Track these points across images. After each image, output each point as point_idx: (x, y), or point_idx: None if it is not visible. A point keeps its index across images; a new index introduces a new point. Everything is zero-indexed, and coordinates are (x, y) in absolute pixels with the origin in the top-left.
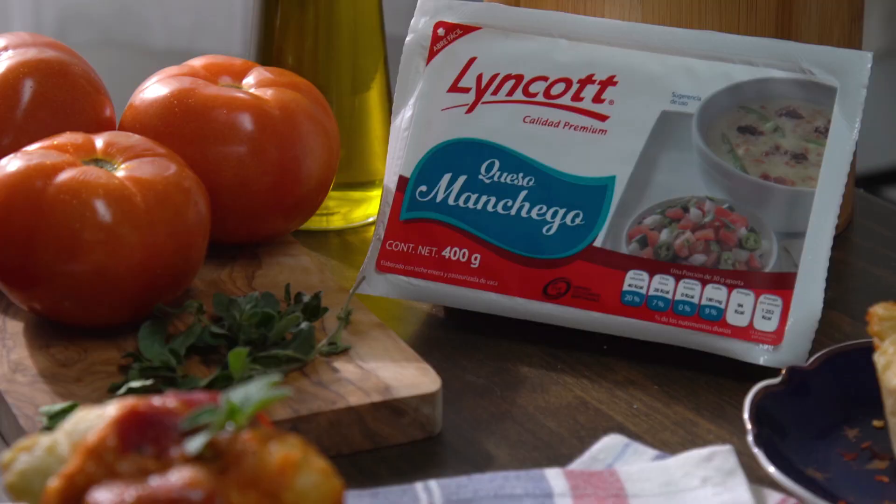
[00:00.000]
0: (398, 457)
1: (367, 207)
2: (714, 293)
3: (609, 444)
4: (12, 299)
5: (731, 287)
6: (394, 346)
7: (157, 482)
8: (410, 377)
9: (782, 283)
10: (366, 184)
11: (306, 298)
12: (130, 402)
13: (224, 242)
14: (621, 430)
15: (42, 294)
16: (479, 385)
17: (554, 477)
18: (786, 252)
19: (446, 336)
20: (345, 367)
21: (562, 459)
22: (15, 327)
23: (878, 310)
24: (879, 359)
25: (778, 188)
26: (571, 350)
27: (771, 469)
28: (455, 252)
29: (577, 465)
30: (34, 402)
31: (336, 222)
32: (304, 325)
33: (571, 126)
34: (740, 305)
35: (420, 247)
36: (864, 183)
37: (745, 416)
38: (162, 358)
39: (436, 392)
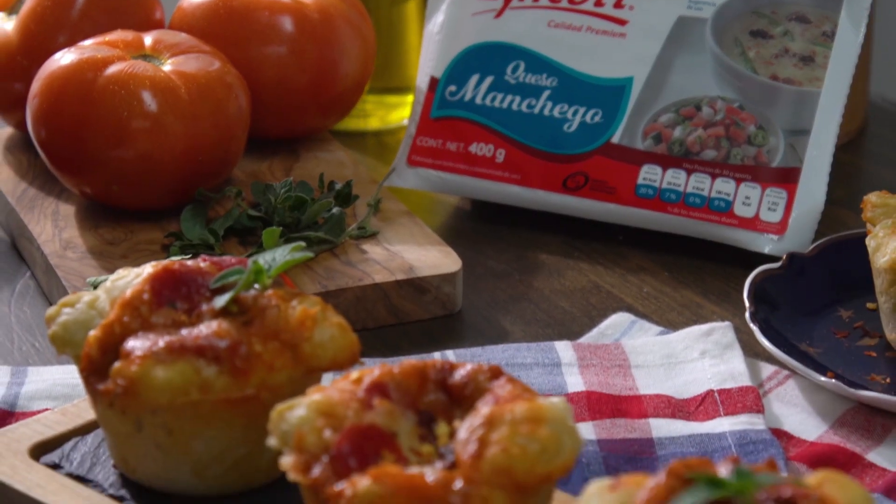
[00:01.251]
0: (420, 331)
1: (403, 111)
2: (723, 186)
3: (617, 321)
4: (65, 184)
5: (739, 180)
6: (419, 232)
7: (187, 332)
8: (433, 259)
9: (788, 178)
10: (401, 89)
11: (339, 186)
12: (165, 262)
13: (265, 138)
14: (630, 310)
15: (92, 178)
16: (500, 270)
17: (563, 349)
18: (792, 148)
19: (472, 226)
20: (372, 249)
21: (572, 336)
22: (67, 210)
23: (872, 197)
24: (871, 242)
25: (786, 88)
26: (588, 239)
27: (765, 342)
28: (481, 147)
29: (586, 339)
30: (82, 276)
31: (373, 124)
32: (335, 210)
33: (593, 30)
34: (747, 198)
35: (448, 142)
36: None
37: (745, 295)
38: (202, 237)
39: (456, 272)
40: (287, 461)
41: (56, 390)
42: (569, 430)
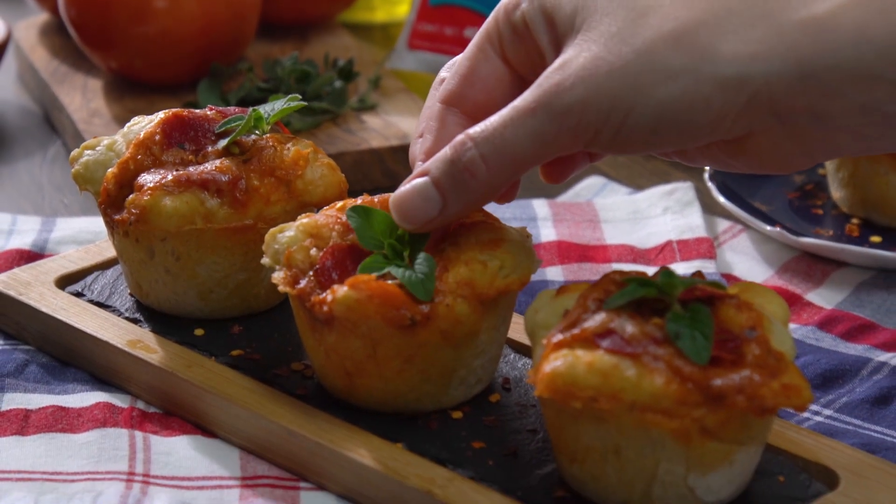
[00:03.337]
0: None
1: (407, 6)
2: None
3: (590, 183)
4: (93, 60)
5: None
6: (415, 106)
7: (193, 169)
8: None
9: None
10: None
11: (342, 63)
12: (176, 109)
13: (277, 23)
14: (605, 176)
15: (117, 54)
16: None
17: (539, 205)
18: None
19: None
20: (371, 120)
21: (551, 197)
22: (95, 84)
23: None
24: None
25: None
26: None
27: (720, 199)
28: (475, 32)
29: (561, 199)
30: None
31: (379, 16)
32: (338, 83)
33: None
34: None
35: (445, 27)
36: None
37: None
38: (215, 104)
39: None
40: (278, 276)
41: (81, 236)
42: (526, 250)
